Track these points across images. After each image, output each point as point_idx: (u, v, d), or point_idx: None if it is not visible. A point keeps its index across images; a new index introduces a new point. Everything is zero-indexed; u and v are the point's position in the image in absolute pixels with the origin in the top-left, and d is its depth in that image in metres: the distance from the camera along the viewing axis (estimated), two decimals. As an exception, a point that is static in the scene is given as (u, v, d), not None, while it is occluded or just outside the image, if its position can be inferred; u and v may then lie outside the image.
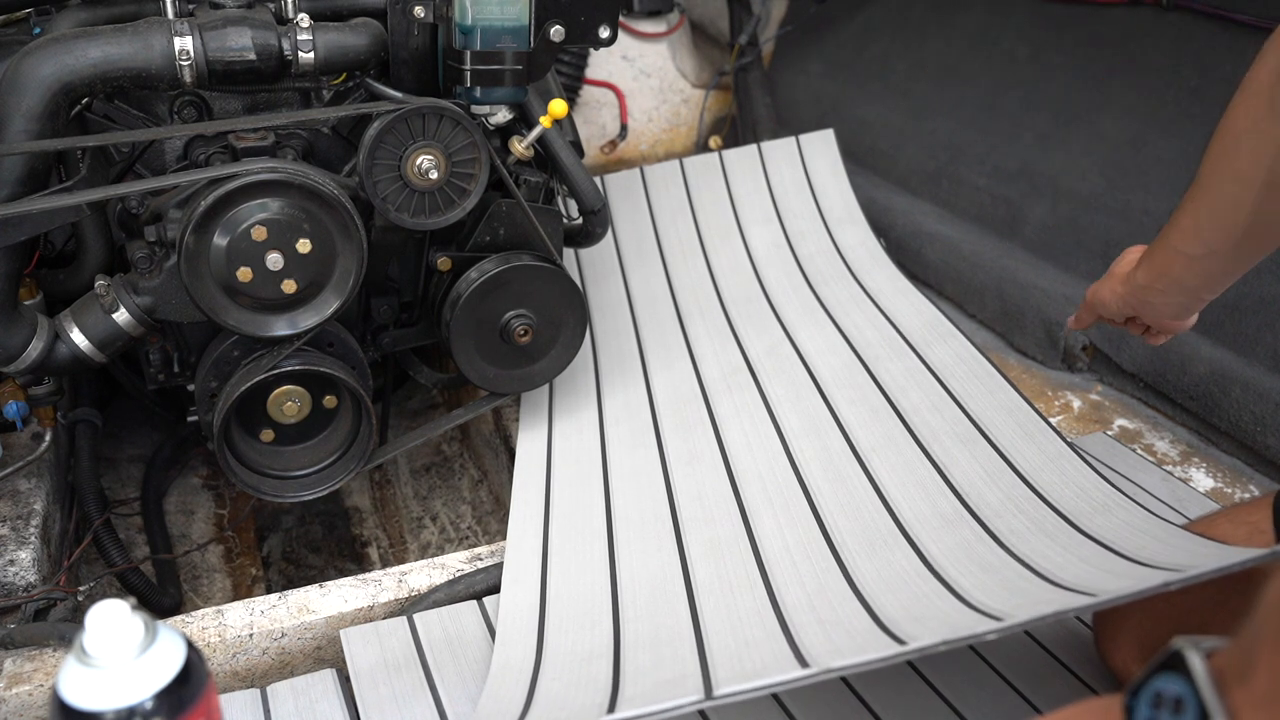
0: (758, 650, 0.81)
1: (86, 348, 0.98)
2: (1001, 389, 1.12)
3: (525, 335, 1.14)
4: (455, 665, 0.90)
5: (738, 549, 0.97)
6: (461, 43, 1.00)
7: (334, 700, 0.86)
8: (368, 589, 1.00)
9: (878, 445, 1.09)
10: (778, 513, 1.02)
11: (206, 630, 0.93)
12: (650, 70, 2.21)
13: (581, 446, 1.19)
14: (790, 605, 0.87)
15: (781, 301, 1.43)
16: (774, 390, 1.23)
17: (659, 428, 1.20)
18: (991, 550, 0.89)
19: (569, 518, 1.07)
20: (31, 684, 0.88)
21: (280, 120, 1.01)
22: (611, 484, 1.11)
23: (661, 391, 1.27)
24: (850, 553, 0.93)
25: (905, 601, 0.84)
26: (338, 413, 1.10)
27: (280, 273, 0.96)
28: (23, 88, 0.89)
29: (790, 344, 1.32)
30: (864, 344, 1.29)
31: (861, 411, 1.15)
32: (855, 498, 1.02)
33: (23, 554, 1.03)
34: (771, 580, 0.92)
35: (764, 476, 1.08)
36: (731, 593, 0.91)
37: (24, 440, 1.18)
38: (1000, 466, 1.00)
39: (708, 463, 1.12)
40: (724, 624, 0.87)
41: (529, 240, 1.15)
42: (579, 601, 0.94)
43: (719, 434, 1.16)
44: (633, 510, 1.06)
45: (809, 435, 1.13)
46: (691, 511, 1.05)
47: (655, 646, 0.85)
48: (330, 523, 1.48)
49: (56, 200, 0.90)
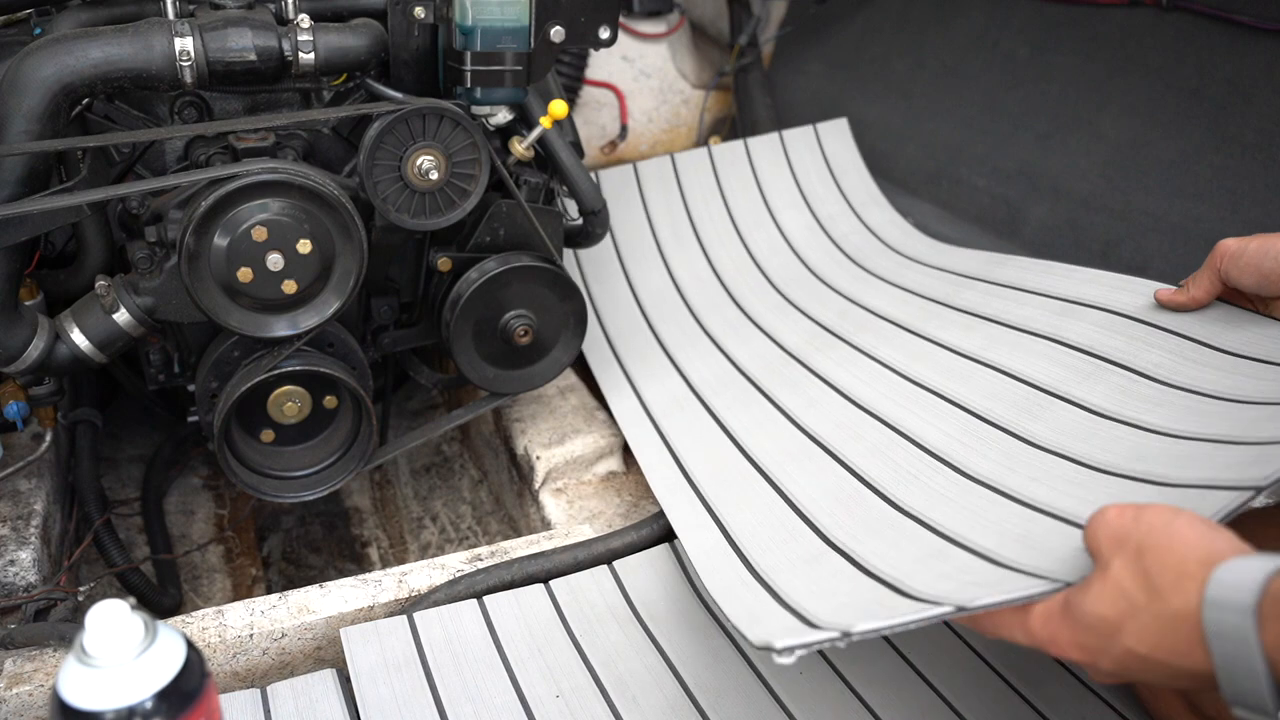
0: (990, 516, 0.85)
1: (87, 348, 0.98)
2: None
3: (525, 336, 1.14)
4: (455, 665, 0.90)
5: (901, 447, 1.00)
6: (462, 43, 1.00)
7: (334, 700, 0.86)
8: (368, 589, 1.00)
9: (986, 345, 1.11)
10: (926, 415, 1.04)
11: (207, 630, 0.93)
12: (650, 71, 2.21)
13: (687, 413, 1.22)
14: (989, 474, 0.91)
15: (832, 276, 1.46)
16: (863, 340, 1.24)
17: (762, 388, 1.21)
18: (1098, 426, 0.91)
19: (708, 465, 1.10)
20: (31, 684, 0.88)
21: (280, 121, 1.01)
22: (737, 436, 1.13)
23: (748, 360, 1.29)
24: (1011, 422, 0.97)
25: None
26: (338, 413, 1.10)
27: (281, 273, 0.96)
28: (23, 88, 0.89)
29: (859, 307, 1.35)
30: (931, 290, 1.31)
31: (956, 330, 1.18)
32: (992, 386, 1.04)
33: (23, 554, 1.03)
34: (954, 461, 0.95)
35: (892, 397, 1.10)
36: (917, 478, 0.94)
37: (24, 440, 1.18)
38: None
39: (828, 403, 1.13)
40: (929, 502, 0.90)
41: (529, 241, 1.15)
42: (766, 525, 0.96)
43: (828, 382, 1.18)
44: (772, 448, 1.08)
45: (919, 360, 1.15)
46: (835, 437, 1.07)
47: (876, 535, 0.88)
48: (330, 523, 1.48)
49: (57, 201, 0.90)
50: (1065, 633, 0.64)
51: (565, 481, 1.23)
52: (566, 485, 1.23)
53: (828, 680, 0.89)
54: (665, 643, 0.94)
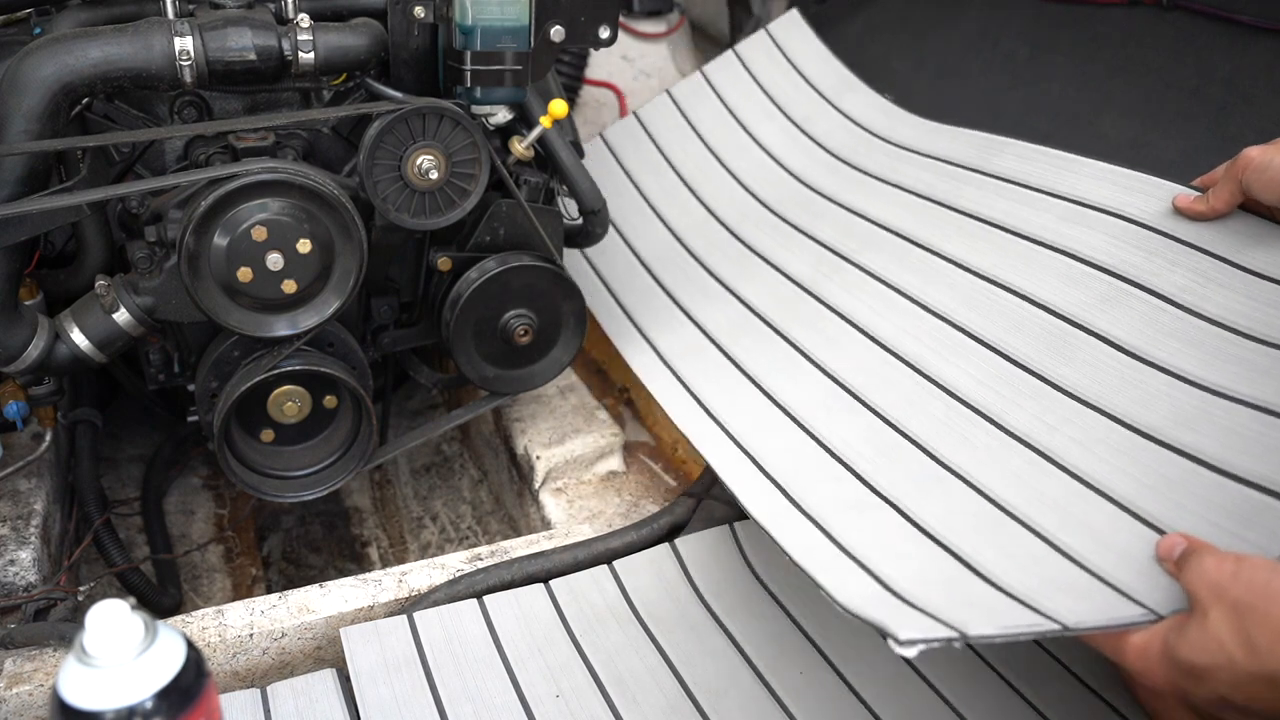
0: (1039, 485, 0.84)
1: (87, 348, 0.98)
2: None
3: (525, 335, 1.14)
4: (455, 665, 0.90)
5: (933, 396, 0.98)
6: (462, 43, 1.00)
7: (334, 700, 0.86)
8: (368, 589, 1.00)
9: (997, 261, 1.07)
10: (952, 359, 1.01)
11: (206, 630, 0.93)
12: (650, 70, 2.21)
13: (706, 359, 1.20)
14: (1029, 430, 0.89)
15: (825, 185, 1.40)
16: (871, 260, 1.20)
17: (778, 329, 1.19)
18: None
19: (735, 410, 1.09)
20: (31, 684, 0.88)
21: (280, 120, 1.01)
22: (762, 382, 1.12)
23: (760, 299, 1.26)
24: (1039, 364, 0.94)
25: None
26: (338, 413, 1.10)
27: (280, 273, 0.96)
28: (23, 88, 0.89)
29: (859, 218, 1.29)
30: (929, 188, 1.25)
31: (963, 242, 1.13)
32: (1012, 315, 1.00)
33: (23, 554, 1.03)
34: (988, 411, 0.93)
35: (912, 333, 1.07)
36: (955, 432, 0.93)
37: (24, 440, 1.18)
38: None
39: (848, 342, 1.11)
40: (974, 462, 0.89)
41: (529, 240, 1.15)
42: (808, 466, 0.97)
43: (844, 316, 1.15)
44: (800, 394, 1.07)
45: (932, 284, 1.11)
46: (863, 383, 1.04)
47: (925, 491, 0.87)
48: (330, 523, 1.48)
49: (57, 200, 0.90)
50: (1160, 670, 0.67)
51: (565, 481, 1.23)
52: (566, 485, 1.23)
53: (828, 680, 0.89)
54: (665, 643, 0.94)
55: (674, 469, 1.27)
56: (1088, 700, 0.85)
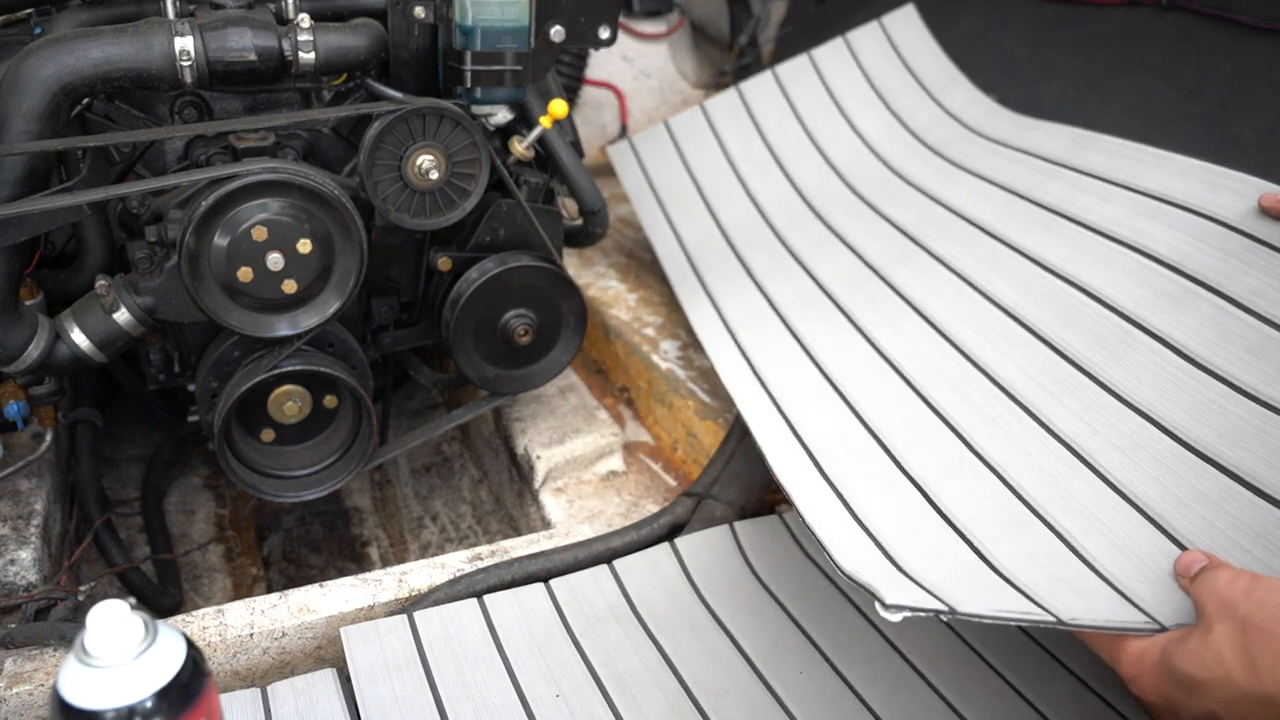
0: (1071, 487, 0.82)
1: (87, 348, 0.98)
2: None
3: (525, 335, 1.14)
4: (455, 664, 0.90)
5: (980, 385, 0.98)
6: (462, 43, 1.00)
7: (334, 700, 0.86)
8: (368, 589, 1.00)
9: (1068, 255, 1.06)
10: (1005, 348, 1.00)
11: (207, 630, 0.93)
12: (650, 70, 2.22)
13: (768, 328, 1.22)
14: (1069, 430, 0.87)
15: (913, 173, 1.40)
16: (943, 247, 1.20)
17: (843, 306, 1.20)
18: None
19: (784, 377, 1.11)
20: (32, 684, 0.88)
21: (281, 121, 1.01)
22: (816, 355, 1.13)
23: (831, 277, 1.27)
24: (1092, 363, 0.92)
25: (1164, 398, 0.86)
26: (338, 413, 1.10)
27: (281, 273, 0.96)
28: (23, 88, 0.89)
29: (939, 205, 1.29)
30: (1014, 180, 1.24)
31: (1038, 233, 1.12)
32: (1072, 310, 0.99)
33: (23, 554, 1.03)
34: (1031, 406, 0.92)
35: (970, 320, 1.07)
36: (995, 423, 0.92)
37: (24, 440, 1.18)
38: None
39: (906, 324, 1.12)
40: (1008, 454, 0.88)
41: (529, 240, 1.15)
42: (839, 436, 0.98)
43: (907, 299, 1.16)
44: (851, 370, 1.08)
45: (998, 273, 1.11)
46: (914, 366, 1.05)
47: (952, 475, 0.88)
48: (330, 522, 1.48)
49: (57, 200, 0.90)
50: (1152, 678, 0.66)
51: (565, 481, 1.23)
52: (566, 485, 1.23)
53: (828, 680, 0.89)
54: (665, 643, 0.94)
55: (674, 469, 1.27)
56: (1087, 700, 0.85)
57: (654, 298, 1.56)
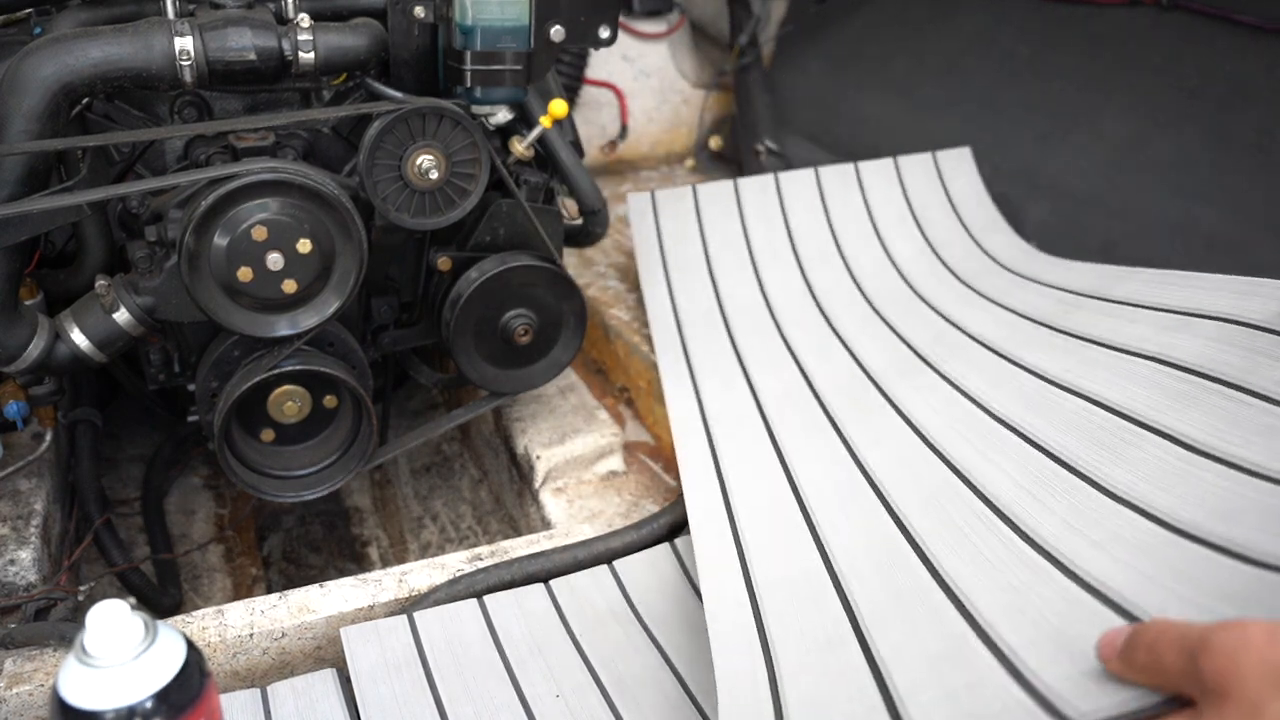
0: (1032, 595, 0.72)
1: (87, 347, 0.98)
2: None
3: (525, 335, 1.14)
4: (455, 665, 0.90)
5: (959, 496, 0.91)
6: (462, 43, 1.00)
7: (334, 700, 0.86)
8: (368, 589, 1.00)
9: (1073, 367, 1.02)
10: (994, 456, 0.95)
11: (207, 630, 0.93)
12: (650, 70, 2.22)
13: (747, 430, 1.16)
14: (1049, 535, 0.81)
15: (936, 297, 1.38)
16: (951, 367, 1.17)
17: (831, 413, 1.15)
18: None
19: (751, 495, 1.04)
20: (32, 684, 0.88)
21: (280, 120, 1.01)
22: (792, 465, 1.08)
23: (825, 380, 1.23)
24: (1087, 464, 0.87)
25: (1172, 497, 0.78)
26: (338, 413, 1.10)
27: (280, 273, 0.96)
28: (23, 88, 0.89)
29: (956, 329, 1.26)
30: (1039, 311, 1.21)
31: (1053, 355, 1.08)
32: (1073, 417, 0.94)
33: (23, 554, 1.03)
34: (1014, 516, 0.86)
35: (961, 431, 1.02)
36: (967, 538, 0.85)
37: (24, 440, 1.18)
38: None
39: (895, 437, 1.06)
40: (972, 570, 0.80)
41: (529, 240, 1.15)
42: (792, 584, 0.88)
43: (901, 411, 1.11)
44: (825, 484, 1.02)
45: (999, 386, 1.07)
46: (892, 478, 0.99)
47: (903, 616, 0.78)
48: (330, 523, 1.48)
49: (57, 200, 0.90)
50: None
51: (565, 481, 1.23)
52: (566, 485, 1.23)
53: None
54: (665, 643, 0.94)
55: (674, 469, 1.27)
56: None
57: (654, 298, 1.56)
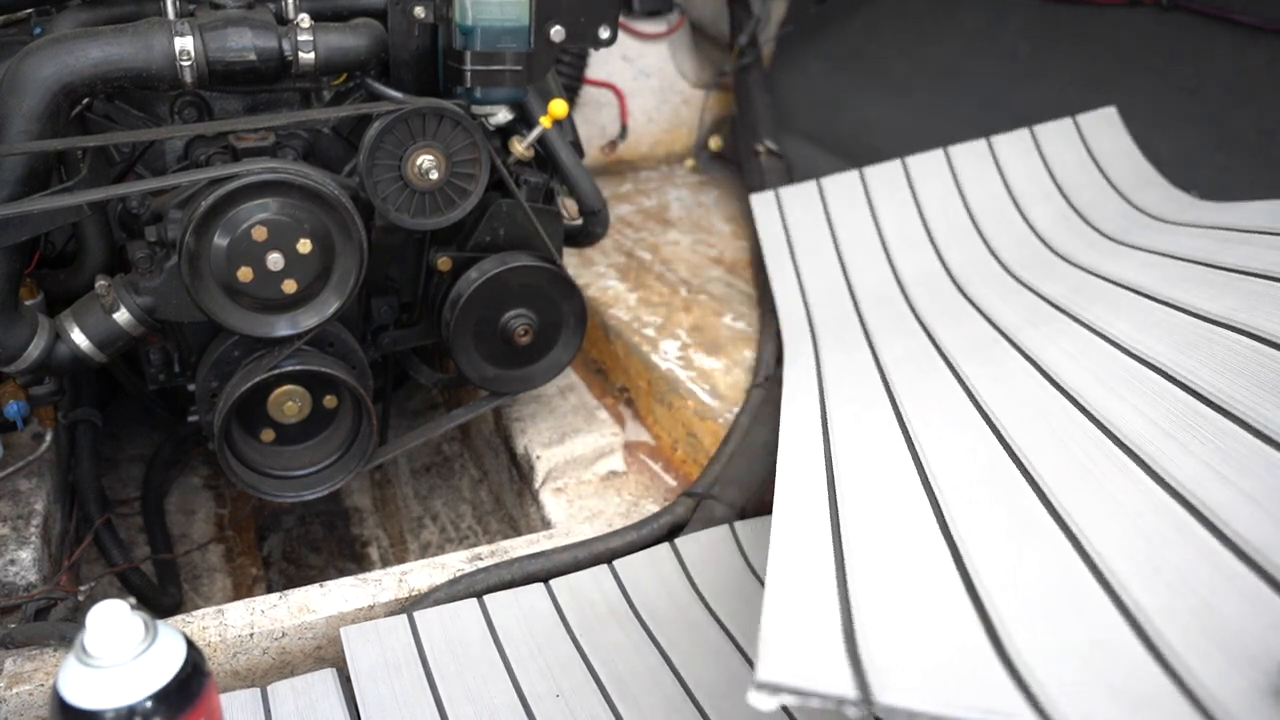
0: (1169, 555, 0.65)
1: (87, 347, 0.98)
2: None
3: (525, 335, 1.14)
4: (455, 664, 0.90)
5: (1082, 433, 0.84)
6: (462, 43, 1.00)
7: (334, 700, 0.86)
8: (368, 589, 1.00)
9: (1239, 306, 0.94)
10: (1132, 397, 0.87)
11: (207, 630, 0.93)
12: (650, 70, 2.22)
13: (859, 382, 1.12)
14: (1185, 478, 0.72)
15: (1078, 254, 1.29)
16: (1092, 313, 1.08)
17: (950, 360, 1.10)
18: None
19: (851, 428, 1.00)
20: (32, 684, 0.88)
21: (281, 121, 1.01)
22: (899, 398, 1.03)
23: (952, 340, 1.17)
24: (1245, 407, 0.79)
25: None
26: (338, 413, 1.10)
27: (281, 273, 0.96)
28: (23, 88, 0.89)
29: (1098, 278, 1.17)
30: (1193, 250, 1.12)
31: (1209, 292, 0.99)
32: (1233, 358, 0.86)
33: (23, 554, 1.03)
34: (1147, 455, 0.77)
35: (1101, 376, 0.93)
36: (1089, 475, 0.77)
37: (24, 440, 1.18)
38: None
39: (1020, 377, 0.98)
40: (1096, 513, 0.72)
41: (529, 240, 1.15)
42: (885, 501, 0.83)
43: (1031, 358, 1.03)
44: (932, 413, 0.97)
45: (1146, 330, 0.98)
46: (1009, 410, 0.92)
47: (1004, 539, 0.72)
48: (330, 522, 1.48)
49: (57, 200, 0.90)
50: None
51: (565, 481, 1.23)
52: (566, 485, 1.23)
53: None
54: (665, 642, 0.94)
55: (674, 469, 1.27)
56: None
57: (654, 298, 1.56)
